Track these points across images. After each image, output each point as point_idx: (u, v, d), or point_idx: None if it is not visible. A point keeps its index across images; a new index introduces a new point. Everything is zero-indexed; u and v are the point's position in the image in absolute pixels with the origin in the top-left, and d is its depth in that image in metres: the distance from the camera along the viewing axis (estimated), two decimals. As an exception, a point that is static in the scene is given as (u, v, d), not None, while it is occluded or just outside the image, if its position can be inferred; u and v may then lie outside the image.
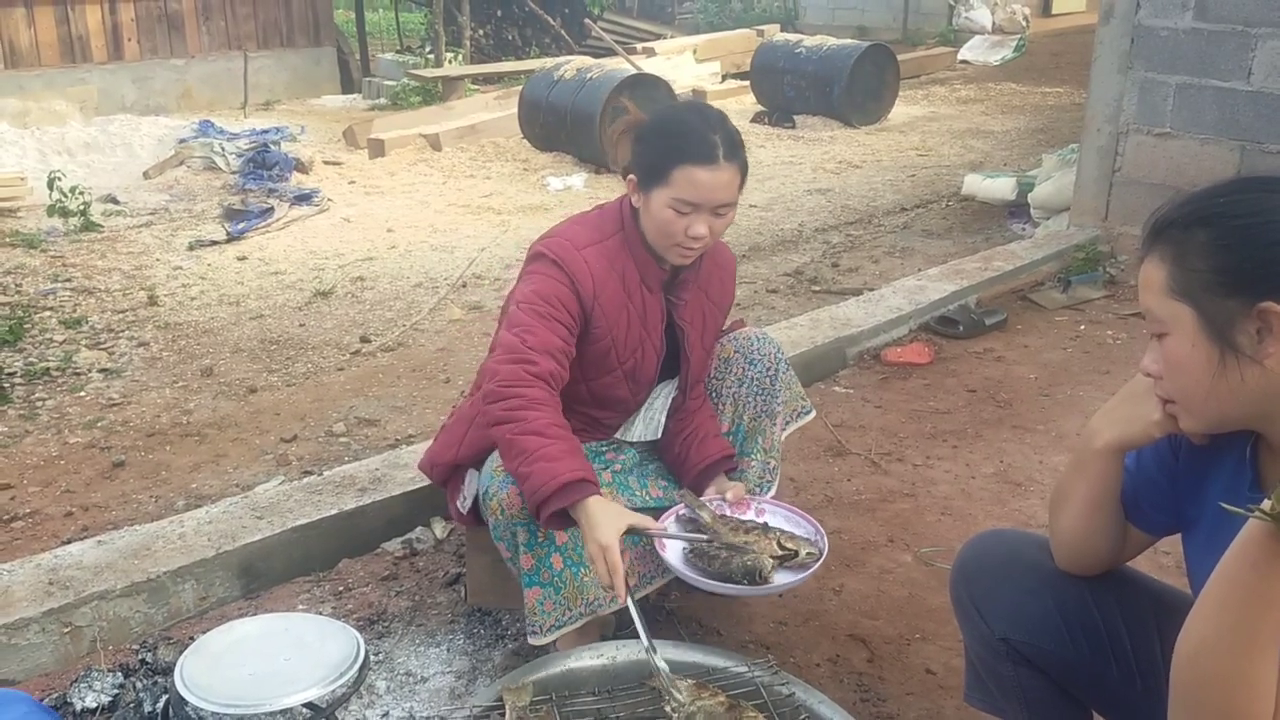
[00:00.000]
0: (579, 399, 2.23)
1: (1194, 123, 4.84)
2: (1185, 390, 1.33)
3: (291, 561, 2.66)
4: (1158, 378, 1.37)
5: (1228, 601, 1.15)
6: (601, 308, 2.15)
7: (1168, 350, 1.32)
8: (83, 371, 4.14)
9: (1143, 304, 1.36)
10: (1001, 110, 10.30)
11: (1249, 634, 1.13)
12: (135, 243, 5.98)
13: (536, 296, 2.12)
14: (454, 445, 2.30)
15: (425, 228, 6.35)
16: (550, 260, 2.14)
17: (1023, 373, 4.06)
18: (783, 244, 6.03)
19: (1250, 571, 1.12)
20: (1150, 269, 1.34)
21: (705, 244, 2.13)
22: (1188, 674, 1.18)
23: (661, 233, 2.12)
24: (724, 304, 2.39)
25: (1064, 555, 1.60)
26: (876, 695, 2.28)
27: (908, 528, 2.95)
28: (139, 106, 9.75)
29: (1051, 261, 5.12)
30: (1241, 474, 1.35)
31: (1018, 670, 1.63)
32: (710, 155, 2.05)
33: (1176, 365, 1.32)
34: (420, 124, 8.65)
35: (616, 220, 2.21)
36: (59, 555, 2.51)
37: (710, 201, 2.07)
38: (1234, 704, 1.14)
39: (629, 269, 2.19)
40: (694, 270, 2.27)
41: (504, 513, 2.04)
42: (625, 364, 2.21)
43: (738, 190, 2.12)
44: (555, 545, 2.06)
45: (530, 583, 2.07)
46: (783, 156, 8.47)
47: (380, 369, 4.21)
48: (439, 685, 2.26)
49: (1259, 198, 1.29)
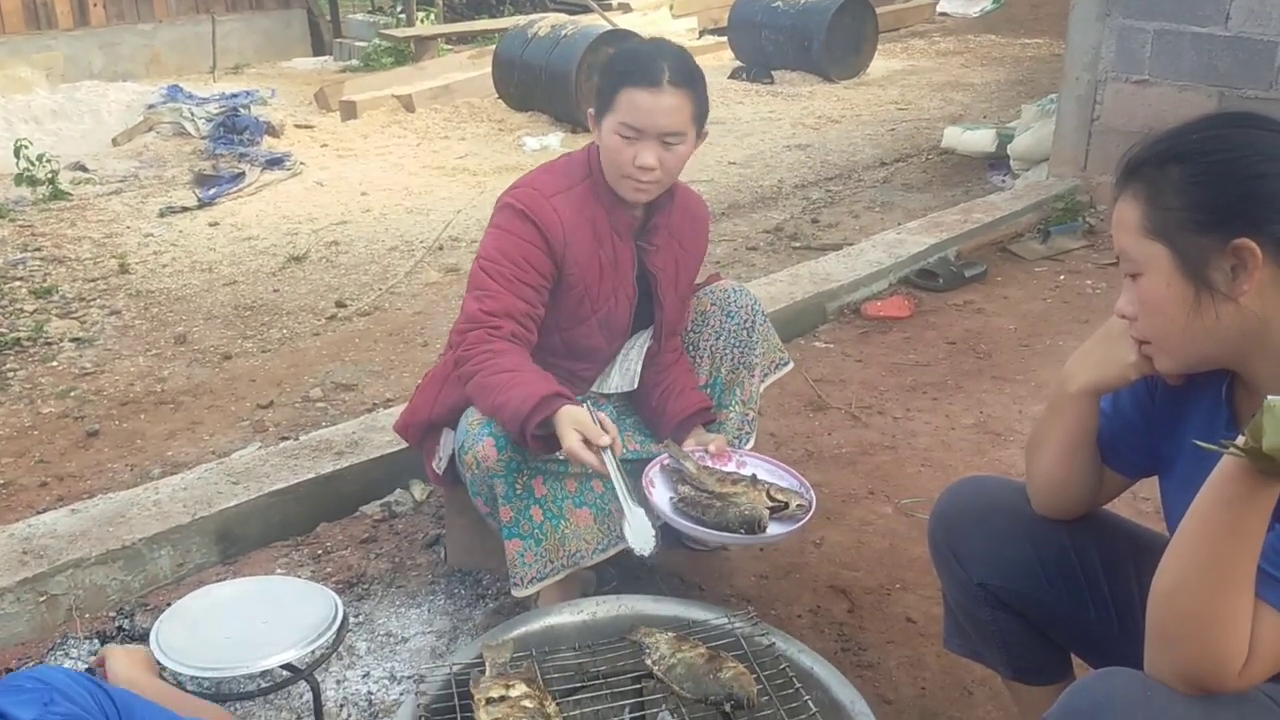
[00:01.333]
0: (554, 351, 2.21)
1: (1172, 69, 4.81)
2: (1161, 330, 1.31)
3: (269, 526, 2.64)
4: (1132, 319, 1.35)
5: (1202, 538, 1.14)
6: (573, 255, 2.12)
7: (1143, 290, 1.31)
8: (54, 341, 4.08)
9: (1117, 244, 1.34)
10: (981, 62, 10.23)
11: (1224, 570, 1.13)
12: (105, 210, 5.88)
13: (501, 255, 2.10)
14: (428, 405, 2.28)
15: (400, 190, 6.27)
16: (517, 212, 2.11)
17: (1002, 324, 4.05)
18: (762, 201, 5.99)
19: (1224, 508, 1.12)
20: (1124, 208, 1.32)
21: (657, 178, 2.07)
22: (1164, 611, 1.18)
23: (611, 163, 2.08)
24: (697, 253, 2.36)
25: (1041, 499, 1.60)
26: (857, 644, 2.28)
27: (888, 480, 2.95)
28: (106, 73, 9.56)
29: (1031, 213, 5.10)
30: (1218, 414, 1.35)
31: (996, 614, 1.63)
32: (654, 79, 2.01)
33: (1152, 305, 1.30)
34: (393, 85, 8.52)
35: (584, 166, 2.18)
36: (32, 524, 2.48)
37: (654, 127, 2.02)
38: (1209, 640, 1.14)
39: (598, 215, 2.16)
40: (664, 216, 2.23)
41: (479, 466, 2.03)
42: (599, 312, 2.19)
43: (690, 121, 2.06)
44: (535, 497, 2.05)
45: (510, 534, 2.06)
46: (761, 113, 8.40)
47: (356, 334, 4.17)
48: (420, 645, 2.26)
49: (1231, 133, 1.27)
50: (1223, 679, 1.15)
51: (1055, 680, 1.66)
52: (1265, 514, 1.11)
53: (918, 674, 2.20)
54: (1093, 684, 1.21)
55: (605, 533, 2.17)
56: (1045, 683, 1.67)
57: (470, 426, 2.06)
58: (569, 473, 2.12)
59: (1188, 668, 1.16)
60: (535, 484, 2.05)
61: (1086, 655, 1.65)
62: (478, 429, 2.03)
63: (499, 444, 1.99)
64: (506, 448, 2.00)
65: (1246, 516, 1.11)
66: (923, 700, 2.12)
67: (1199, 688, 1.16)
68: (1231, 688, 1.16)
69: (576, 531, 2.12)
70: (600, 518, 2.17)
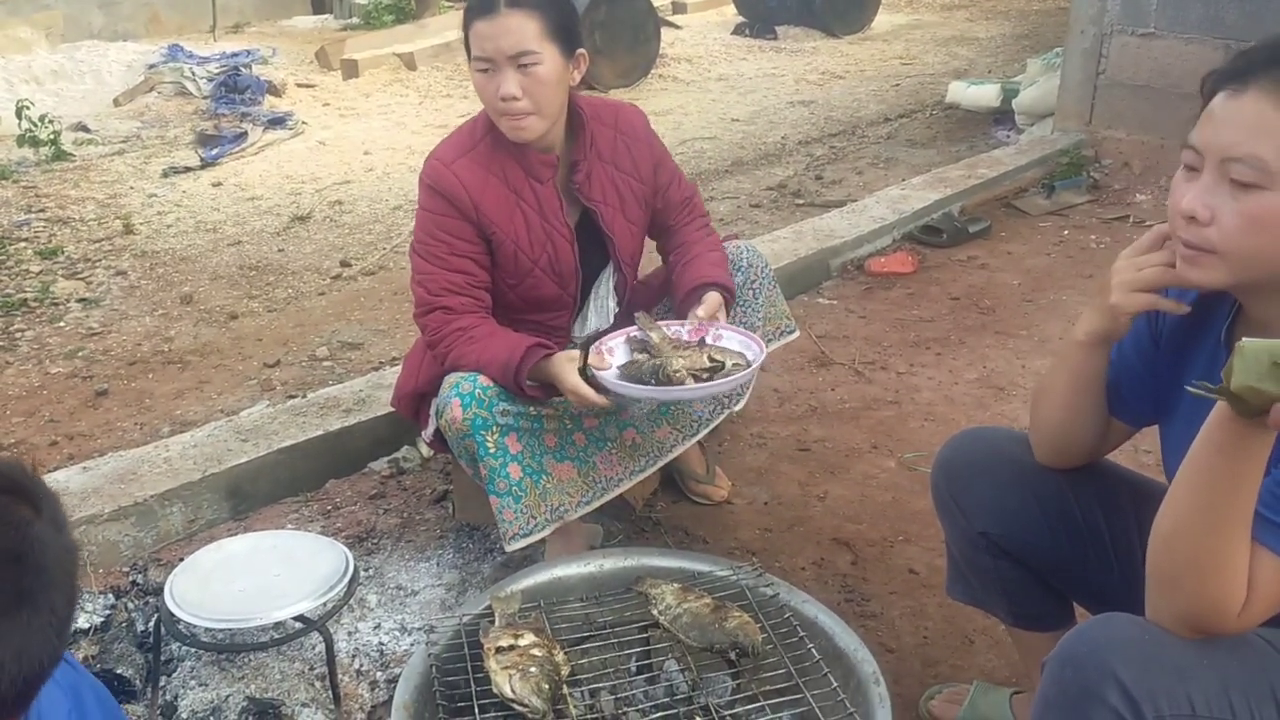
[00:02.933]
0: (513, 307, 2.22)
1: (1178, 22, 4.76)
2: (1253, 249, 1.21)
3: (278, 483, 2.66)
4: (1206, 224, 1.23)
5: (1198, 484, 1.16)
6: (488, 215, 2.12)
7: (1262, 204, 1.19)
8: (61, 302, 4.09)
9: (1240, 146, 1.19)
10: (986, 16, 10.12)
11: (1220, 516, 1.14)
12: (108, 171, 5.87)
13: (427, 236, 2.15)
14: (413, 375, 2.31)
15: (403, 149, 6.25)
16: (426, 187, 2.16)
17: (1006, 279, 4.05)
18: (765, 158, 5.96)
19: (1217, 453, 1.13)
20: (1272, 111, 1.17)
21: (525, 107, 2.03)
22: (1163, 558, 1.20)
23: (486, 106, 2.09)
24: (642, 169, 2.27)
25: (1045, 448, 1.61)
26: (860, 595, 2.31)
27: (891, 434, 2.97)
28: (106, 33, 9.47)
29: (1035, 168, 5.08)
30: (1218, 359, 1.35)
31: (998, 562, 1.66)
32: (490, 6, 2.00)
33: (1264, 224, 1.19)
34: (394, 43, 8.46)
35: (485, 122, 2.16)
36: (45, 481, 2.50)
37: (499, 52, 1.99)
38: (1207, 585, 1.16)
39: (508, 166, 2.14)
40: (583, 145, 2.18)
41: (452, 428, 2.05)
42: (539, 261, 2.18)
43: (541, 38, 2.00)
44: (510, 454, 2.06)
45: (490, 491, 2.08)
46: (764, 69, 8.33)
47: (362, 293, 4.18)
48: (429, 598, 2.29)
49: None
50: (1222, 621, 1.17)
51: (1056, 627, 1.67)
52: (1260, 459, 1.12)
53: (920, 623, 2.23)
54: (1091, 628, 1.23)
55: (589, 485, 2.20)
56: (1046, 630, 1.70)
57: (443, 390, 2.09)
58: (545, 429, 2.13)
59: (1187, 611, 1.18)
60: (509, 441, 2.06)
61: (1087, 602, 1.67)
62: (447, 391, 2.06)
63: (464, 403, 2.02)
64: (471, 405, 2.02)
65: (1240, 461, 1.12)
66: (925, 649, 2.16)
67: (1198, 630, 1.18)
68: (1231, 630, 1.18)
69: (559, 486, 2.13)
70: (584, 471, 2.19)
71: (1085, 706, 1.16)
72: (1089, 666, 1.17)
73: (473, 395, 2.02)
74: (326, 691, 1.98)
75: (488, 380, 2.04)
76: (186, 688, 1.99)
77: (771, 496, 2.69)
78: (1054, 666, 1.22)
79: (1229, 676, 1.16)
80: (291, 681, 2.01)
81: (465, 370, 2.07)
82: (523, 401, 2.06)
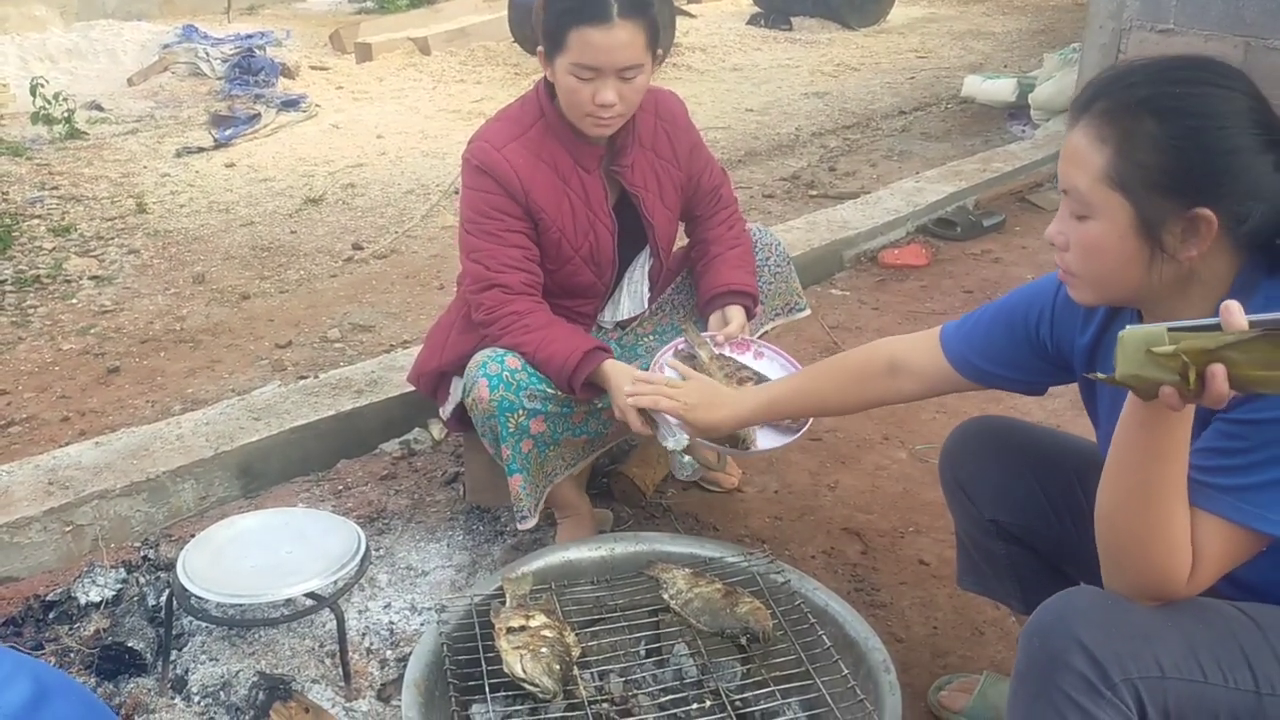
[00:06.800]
0: (549, 292, 2.21)
1: (1198, 18, 4.73)
2: (1095, 273, 1.30)
3: (290, 462, 2.67)
4: (1063, 249, 1.32)
5: (1128, 461, 1.19)
6: (537, 201, 2.11)
7: (1089, 235, 1.27)
8: (73, 279, 4.10)
9: (1066, 178, 1.28)
10: (1003, 10, 10.07)
11: (1153, 489, 1.17)
12: (122, 150, 5.87)
13: (477, 214, 2.12)
14: (437, 353, 2.31)
15: (415, 134, 6.24)
16: (474, 168, 2.12)
17: (1020, 274, 4.04)
18: (779, 149, 5.95)
19: (1139, 430, 1.16)
20: (1085, 146, 1.25)
21: (619, 111, 2.02)
22: (1107, 534, 1.23)
23: (570, 104, 2.04)
24: (681, 156, 2.28)
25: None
26: (870, 585, 2.31)
27: (902, 425, 2.97)
28: (120, 12, 9.47)
29: (1051, 163, 5.05)
30: None
31: (1010, 549, 1.66)
32: (603, 14, 1.93)
33: (1094, 251, 1.27)
34: (408, 27, 8.45)
35: (535, 108, 2.14)
36: (57, 456, 2.52)
37: (609, 64, 1.96)
38: (1151, 556, 1.19)
39: (558, 154, 2.13)
40: (630, 134, 2.18)
41: (478, 407, 2.06)
42: (580, 249, 2.18)
43: (645, 50, 1.99)
44: (529, 433, 2.07)
45: (511, 471, 2.09)
46: (779, 60, 8.30)
47: (373, 275, 4.18)
48: (439, 578, 2.29)
49: (1214, 95, 1.21)
50: (1173, 588, 1.20)
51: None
52: (1180, 431, 1.15)
53: (930, 614, 2.23)
54: (1056, 600, 1.25)
55: (586, 450, 2.22)
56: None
57: (471, 369, 2.09)
58: (576, 409, 2.14)
59: (1138, 582, 1.22)
60: (533, 424, 2.07)
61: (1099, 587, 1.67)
62: (475, 371, 2.06)
63: (491, 384, 2.02)
64: (499, 387, 2.02)
65: (1162, 435, 1.15)
66: (934, 639, 2.16)
67: (1153, 597, 1.22)
68: (1184, 594, 1.21)
69: (559, 453, 2.16)
70: (590, 440, 2.21)
71: (1053, 673, 1.19)
72: (1054, 635, 1.20)
73: (500, 377, 2.02)
74: (336, 668, 1.98)
75: (516, 363, 2.05)
76: (197, 662, 2.00)
77: (782, 485, 2.69)
78: (1023, 639, 1.25)
79: (1195, 639, 1.19)
80: (302, 658, 2.01)
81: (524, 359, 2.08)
82: (554, 387, 2.08)
